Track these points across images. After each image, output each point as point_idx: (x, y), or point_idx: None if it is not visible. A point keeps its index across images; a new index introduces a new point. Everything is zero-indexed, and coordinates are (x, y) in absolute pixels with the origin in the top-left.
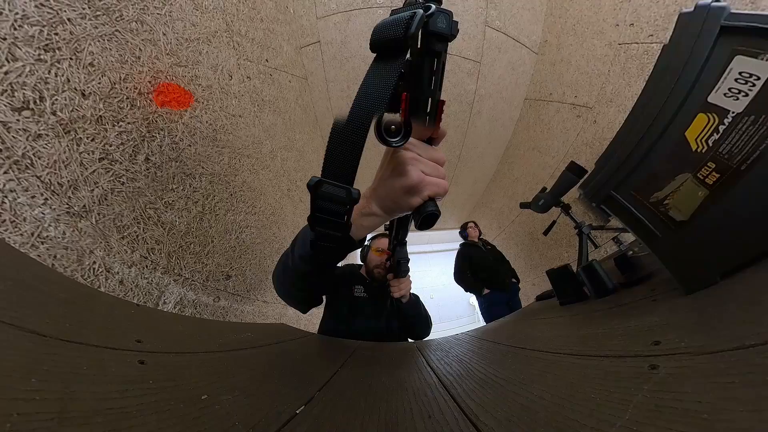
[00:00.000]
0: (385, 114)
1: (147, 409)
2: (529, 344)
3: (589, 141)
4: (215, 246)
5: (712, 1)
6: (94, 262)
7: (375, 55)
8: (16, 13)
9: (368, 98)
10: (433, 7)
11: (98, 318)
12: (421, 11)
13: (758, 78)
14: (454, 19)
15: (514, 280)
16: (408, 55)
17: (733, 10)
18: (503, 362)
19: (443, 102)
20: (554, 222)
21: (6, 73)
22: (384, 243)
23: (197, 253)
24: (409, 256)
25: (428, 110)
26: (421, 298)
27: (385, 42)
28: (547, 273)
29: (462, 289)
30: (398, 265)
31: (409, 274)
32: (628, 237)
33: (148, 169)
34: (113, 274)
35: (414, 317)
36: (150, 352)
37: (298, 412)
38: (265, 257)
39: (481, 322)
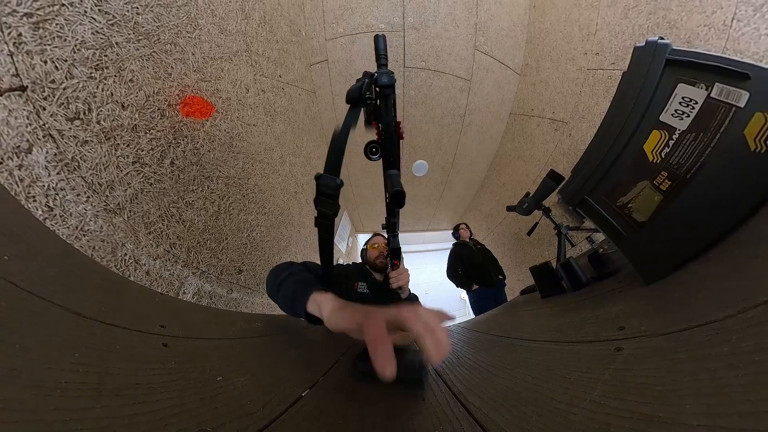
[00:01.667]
0: (368, 142)
1: (170, 386)
2: (513, 334)
3: (565, 151)
4: (229, 243)
5: (658, 39)
6: (125, 254)
7: (349, 105)
8: (77, 39)
9: (345, 125)
10: (377, 72)
11: (128, 304)
12: (368, 80)
13: (696, 102)
14: (391, 70)
15: (501, 276)
16: (373, 100)
17: (674, 47)
18: (490, 350)
19: (399, 122)
20: (536, 223)
21: (64, 88)
22: (378, 240)
23: (213, 248)
24: (404, 255)
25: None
26: (420, 299)
27: (350, 99)
28: (530, 269)
29: (454, 285)
30: (394, 252)
31: (408, 268)
32: (599, 236)
33: (172, 172)
34: (141, 265)
35: None
36: (172, 337)
37: (303, 394)
38: (273, 254)
39: (471, 315)
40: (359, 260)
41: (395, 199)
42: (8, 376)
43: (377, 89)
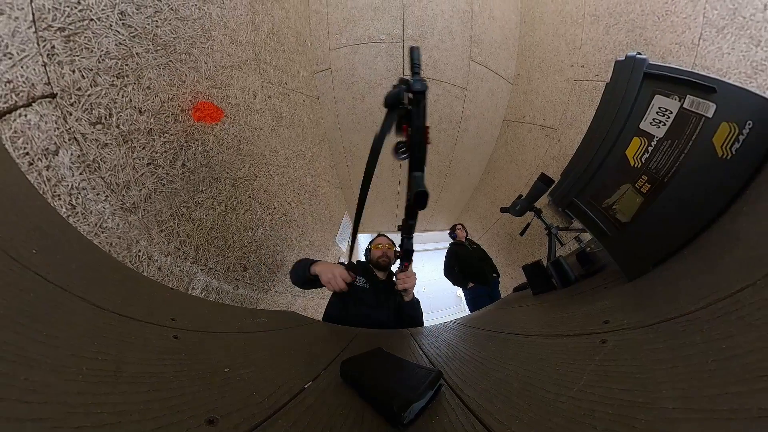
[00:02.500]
0: (398, 142)
1: (181, 376)
2: (506, 329)
3: (555, 156)
4: (235, 241)
5: (636, 54)
6: (139, 251)
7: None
8: (102, 50)
9: (384, 128)
10: (412, 79)
11: (142, 297)
12: (404, 87)
13: (671, 112)
14: (427, 78)
15: (495, 274)
16: (406, 105)
17: (651, 62)
18: (485, 344)
19: (428, 127)
20: (529, 224)
21: (89, 95)
22: (381, 240)
23: (220, 246)
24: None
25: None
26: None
27: (388, 104)
28: (522, 268)
29: (450, 283)
30: (406, 254)
31: (415, 272)
32: (587, 236)
33: (183, 173)
34: (153, 261)
35: (410, 318)
36: (182, 329)
37: (306, 386)
38: (276, 252)
39: (467, 312)
40: (362, 258)
41: (418, 198)
42: (37, 361)
43: (410, 95)
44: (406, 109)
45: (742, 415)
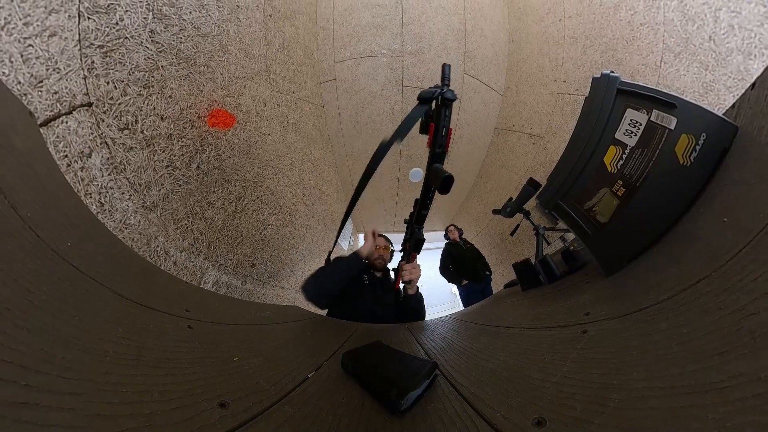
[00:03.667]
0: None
1: (194, 363)
2: (497, 322)
3: (542, 162)
4: (243, 239)
5: (610, 72)
6: (158, 246)
7: (418, 102)
8: (133, 64)
9: (413, 114)
10: (446, 88)
11: (159, 289)
12: (440, 90)
13: (641, 124)
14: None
15: (487, 272)
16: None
17: (622, 79)
18: (477, 337)
19: (451, 129)
20: (518, 225)
21: (119, 104)
22: (380, 242)
23: (230, 244)
24: (401, 252)
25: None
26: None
27: (422, 98)
28: (513, 266)
29: (446, 281)
30: (416, 243)
31: (420, 265)
32: (571, 235)
33: (198, 175)
34: (170, 256)
35: (414, 311)
36: (195, 320)
37: (309, 376)
38: (282, 250)
39: (461, 307)
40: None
41: (445, 183)
42: (71, 342)
43: (441, 100)
44: (433, 108)
45: (697, 389)
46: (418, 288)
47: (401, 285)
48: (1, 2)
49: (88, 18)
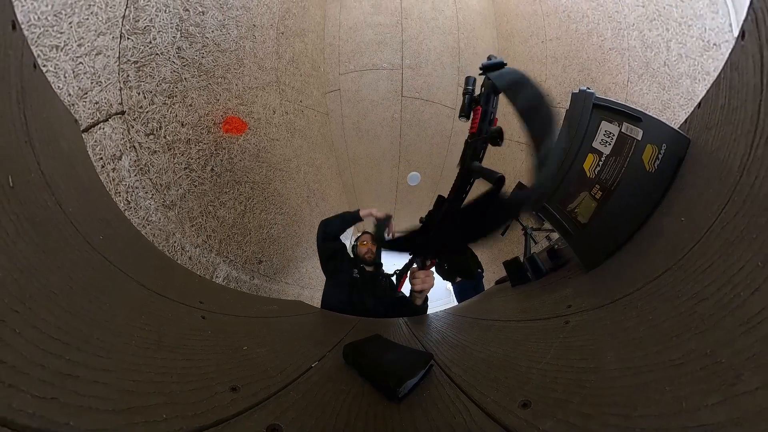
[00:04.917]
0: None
1: (208, 351)
2: (489, 316)
3: (530, 168)
4: (252, 237)
5: (587, 89)
6: (175, 242)
7: (481, 71)
8: (160, 77)
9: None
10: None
11: (176, 282)
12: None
13: (614, 135)
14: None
15: (479, 270)
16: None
17: (597, 95)
18: (470, 330)
19: (497, 118)
20: (508, 226)
21: (147, 112)
22: (366, 238)
23: (239, 241)
24: (398, 254)
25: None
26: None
27: (489, 67)
28: (503, 263)
29: (441, 278)
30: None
31: (433, 273)
32: (555, 235)
33: (212, 177)
34: (185, 251)
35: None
36: (208, 311)
37: (313, 365)
38: (287, 249)
39: (455, 303)
40: (350, 254)
41: (499, 183)
42: (103, 326)
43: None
44: (480, 94)
45: (659, 366)
46: (426, 299)
47: (408, 291)
48: (63, 28)
49: (128, 38)
